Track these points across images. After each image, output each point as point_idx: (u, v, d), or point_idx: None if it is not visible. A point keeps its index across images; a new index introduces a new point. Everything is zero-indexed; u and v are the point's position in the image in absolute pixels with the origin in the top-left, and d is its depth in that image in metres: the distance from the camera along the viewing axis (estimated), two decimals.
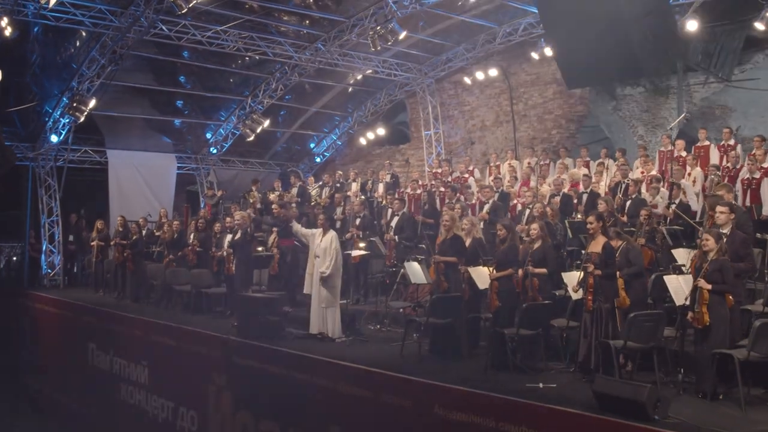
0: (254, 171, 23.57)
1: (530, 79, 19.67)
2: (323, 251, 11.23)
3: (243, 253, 12.92)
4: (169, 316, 14.25)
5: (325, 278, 11.08)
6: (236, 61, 20.33)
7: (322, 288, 11.17)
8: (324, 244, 11.26)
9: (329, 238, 11.26)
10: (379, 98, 22.51)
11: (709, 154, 15.47)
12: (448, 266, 10.22)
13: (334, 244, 11.23)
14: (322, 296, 11.18)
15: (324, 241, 11.27)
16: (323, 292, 11.18)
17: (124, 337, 14.12)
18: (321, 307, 11.21)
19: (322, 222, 11.40)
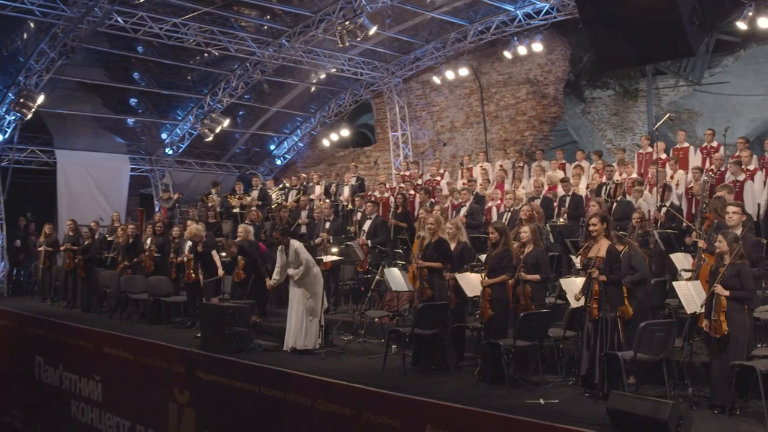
0: (212, 173, 22.65)
1: (502, 79, 19.16)
2: (291, 263, 10.54)
3: (208, 259, 12.06)
4: (125, 326, 13.32)
5: (305, 287, 10.34)
6: (194, 57, 19.38)
7: (303, 297, 10.43)
8: (291, 258, 10.55)
9: (293, 250, 10.54)
10: (344, 98, 21.80)
11: (688, 156, 15.06)
12: (433, 272, 9.54)
13: (301, 253, 10.50)
14: (304, 306, 10.43)
15: (290, 255, 10.56)
16: (306, 302, 10.44)
17: (74, 349, 13.10)
18: (300, 317, 10.43)
19: (278, 238, 10.67)
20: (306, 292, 10.50)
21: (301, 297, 10.46)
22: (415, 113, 20.87)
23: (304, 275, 10.41)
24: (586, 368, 7.89)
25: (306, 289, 10.51)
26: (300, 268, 10.37)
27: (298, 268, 10.40)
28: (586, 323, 7.91)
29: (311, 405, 8.88)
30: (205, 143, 21.65)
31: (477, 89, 19.52)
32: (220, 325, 10.49)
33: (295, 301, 10.49)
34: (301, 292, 10.48)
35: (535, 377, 8.61)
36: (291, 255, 10.50)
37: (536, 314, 8.46)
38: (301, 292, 10.48)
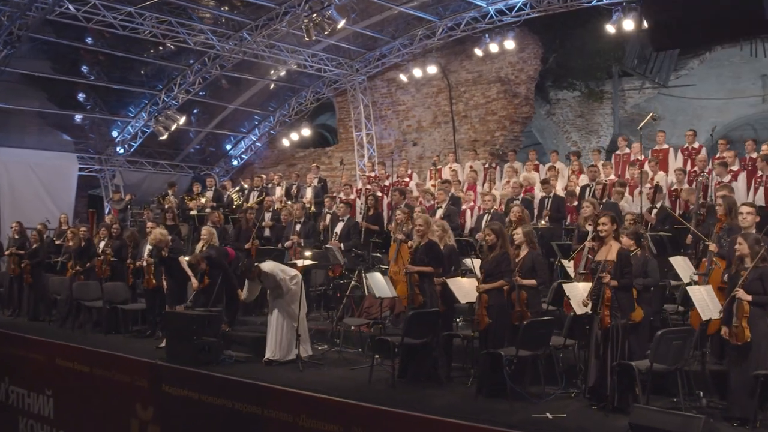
0: (165, 174, 21.78)
1: (471, 77, 18.76)
2: (272, 289, 9.99)
3: (173, 265, 11.31)
4: (78, 336, 12.48)
5: (285, 297, 9.77)
6: (148, 50, 18.53)
7: (282, 308, 9.82)
8: (269, 285, 10.05)
9: (267, 277, 9.99)
10: (305, 96, 21.15)
11: (668, 157, 14.84)
12: (424, 277, 9.01)
13: (277, 275, 9.93)
14: (285, 315, 9.81)
15: (267, 283, 10.04)
16: (286, 311, 9.83)
17: (22, 361, 12.20)
18: (279, 328, 9.81)
19: (246, 275, 10.16)
20: (287, 299, 9.87)
21: (282, 305, 9.84)
22: (380, 112, 20.33)
23: (286, 292, 9.80)
24: (595, 379, 7.45)
25: (286, 297, 9.89)
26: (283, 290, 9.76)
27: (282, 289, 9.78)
28: (594, 331, 7.46)
29: (293, 421, 8.26)
30: (158, 142, 20.76)
31: (445, 88, 19.08)
32: (187, 335, 9.79)
33: (275, 310, 9.86)
34: (281, 300, 9.86)
35: (533, 388, 8.13)
36: (267, 282, 9.88)
37: (541, 322, 8.00)
38: (282, 301, 9.86)
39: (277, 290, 9.79)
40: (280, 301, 9.92)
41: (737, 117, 24.39)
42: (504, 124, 18.24)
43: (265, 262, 10.08)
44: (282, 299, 9.90)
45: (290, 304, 9.94)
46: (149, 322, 12.40)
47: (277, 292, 9.87)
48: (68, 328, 13.26)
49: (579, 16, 18.02)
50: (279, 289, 9.78)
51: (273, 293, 9.98)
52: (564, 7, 16.24)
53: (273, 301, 10.02)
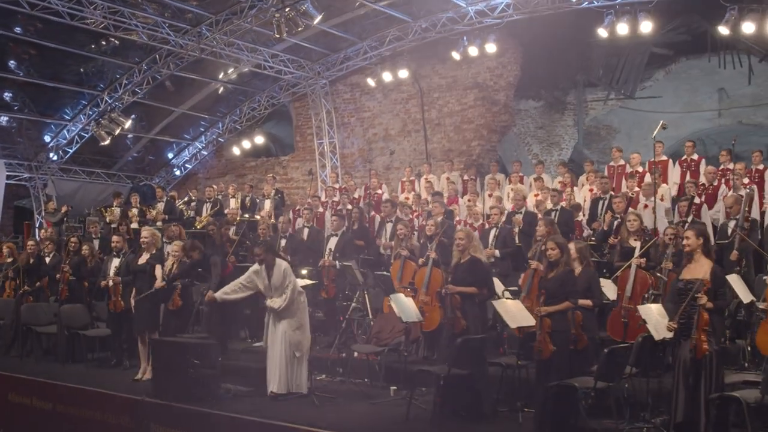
0: (101, 184, 20.29)
1: (445, 83, 18.07)
2: (278, 290, 8.90)
3: (148, 283, 10.13)
4: (28, 366, 11.18)
5: (290, 317, 8.75)
6: (88, 45, 17.08)
7: (289, 329, 8.80)
8: (276, 282, 8.92)
9: (279, 271, 8.92)
10: (259, 101, 20.05)
11: (667, 169, 14.49)
12: (466, 299, 8.20)
13: (288, 277, 8.90)
14: (289, 341, 8.79)
15: (275, 279, 8.93)
16: (292, 336, 8.81)
17: None
18: (285, 355, 8.79)
19: (261, 255, 9.01)
20: (291, 323, 8.92)
21: (286, 329, 8.86)
22: (342, 119, 19.43)
23: (289, 304, 8.81)
24: (684, 413, 6.75)
25: (291, 320, 8.93)
26: (284, 297, 8.76)
27: (281, 296, 8.77)
28: (682, 359, 6.79)
29: None
30: (93, 149, 19.35)
31: (416, 94, 18.33)
32: (180, 367, 8.66)
33: (278, 334, 8.88)
34: (285, 323, 8.89)
35: (592, 422, 7.38)
36: (276, 277, 8.86)
37: (621, 350, 7.27)
38: (286, 324, 8.89)
39: (284, 305, 8.76)
40: (284, 323, 8.92)
41: (692, 131, 24.49)
42: (481, 133, 17.61)
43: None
44: (285, 320, 8.91)
45: (296, 326, 8.97)
46: (114, 349, 11.14)
47: (281, 311, 8.84)
48: (14, 356, 11.87)
49: (546, 20, 17.37)
50: (286, 303, 8.75)
51: (275, 313, 8.94)
52: (551, 9, 15.75)
53: (275, 322, 9.01)
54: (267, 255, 8.94)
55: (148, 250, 10.19)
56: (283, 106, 20.74)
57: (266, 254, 8.94)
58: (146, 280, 10.02)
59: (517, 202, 12.88)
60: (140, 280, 10.05)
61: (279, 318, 8.92)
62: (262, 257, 8.94)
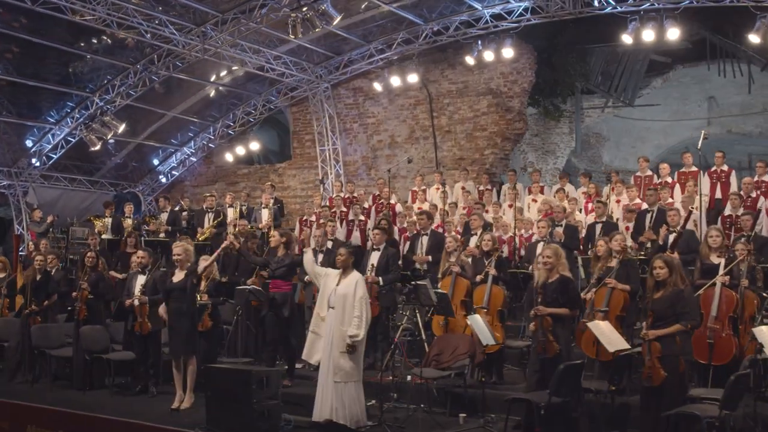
0: (83, 191, 19.35)
1: (456, 88, 17.61)
2: (341, 301, 8.19)
3: (185, 303, 9.40)
4: (40, 394, 10.32)
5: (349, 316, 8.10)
6: (77, 42, 16.12)
7: (340, 354, 8.11)
8: (343, 290, 8.23)
9: (352, 281, 8.26)
10: (255, 105, 19.33)
11: (698, 180, 14.20)
12: (557, 321, 7.71)
13: (360, 291, 8.21)
14: (337, 366, 8.10)
15: (343, 286, 8.25)
16: (341, 360, 8.11)
17: None
18: (334, 382, 8.09)
19: (344, 257, 8.35)
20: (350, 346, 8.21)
21: (340, 348, 8.14)
22: (344, 125, 18.84)
23: (363, 325, 8.15)
24: None
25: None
26: (358, 320, 8.06)
27: (354, 318, 8.07)
28: None
29: None
30: (71, 155, 18.39)
31: (424, 99, 17.83)
32: (241, 397, 7.98)
33: (326, 355, 8.17)
34: (344, 338, 8.13)
35: None
36: (345, 286, 8.15)
37: (745, 375, 6.85)
38: (342, 343, 8.13)
39: (356, 332, 8.07)
40: (340, 342, 8.17)
41: (681, 140, 24.51)
42: (495, 141, 17.20)
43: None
44: (342, 339, 8.19)
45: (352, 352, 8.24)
46: (138, 374, 10.38)
47: (340, 327, 8.14)
48: (23, 382, 11.01)
49: (547, 25, 17.03)
50: (356, 327, 8.06)
51: (335, 329, 8.20)
52: (572, 13, 15.42)
53: (328, 338, 8.25)
54: (349, 259, 8.30)
55: (182, 267, 9.46)
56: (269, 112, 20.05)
57: (348, 258, 8.30)
58: (184, 300, 9.29)
59: (558, 215, 12.46)
60: (176, 299, 9.30)
61: (336, 333, 8.20)
62: (345, 260, 8.29)
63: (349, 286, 8.17)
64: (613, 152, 24.97)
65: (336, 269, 8.42)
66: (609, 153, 24.98)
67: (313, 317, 8.44)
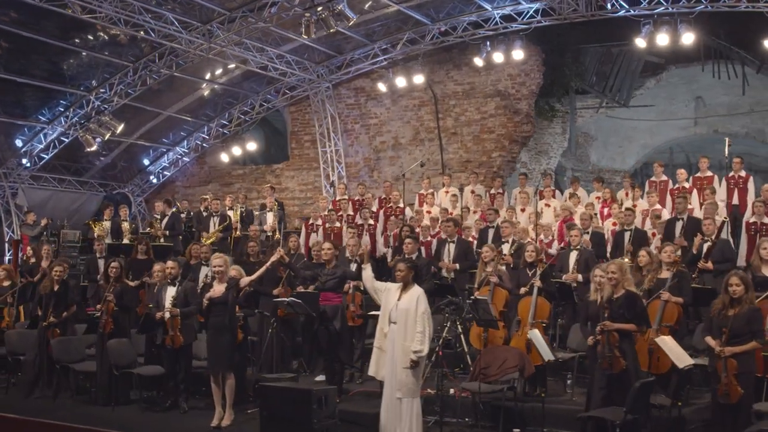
0: (72, 192, 18.89)
1: (462, 89, 17.54)
2: (403, 316, 8.05)
3: (227, 317, 9.18)
4: (64, 410, 10.04)
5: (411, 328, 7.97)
6: (71, 38, 15.65)
7: (402, 370, 7.98)
8: (405, 305, 8.09)
9: (414, 296, 8.12)
10: (252, 104, 19.03)
11: (713, 185, 14.29)
12: (624, 337, 7.66)
13: (422, 306, 8.08)
14: (400, 382, 7.97)
15: (404, 301, 8.12)
16: (403, 376, 7.98)
17: None
18: (397, 398, 7.98)
19: (404, 273, 8.20)
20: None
21: (403, 364, 8.01)
22: (345, 126, 18.64)
23: (426, 340, 8.02)
24: None
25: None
26: (421, 335, 7.93)
27: (417, 334, 7.94)
28: None
29: None
30: (60, 155, 17.92)
31: (429, 100, 17.72)
32: (300, 417, 7.81)
33: (390, 371, 8.04)
34: (407, 353, 8.00)
35: None
36: (407, 301, 8.02)
37: None
38: (407, 353, 8.01)
39: (420, 348, 7.94)
40: (402, 357, 8.04)
41: (668, 139, 24.80)
42: (503, 144, 17.17)
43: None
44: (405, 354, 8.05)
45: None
46: (169, 390, 10.11)
47: (403, 342, 8.01)
48: (39, 398, 10.65)
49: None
50: (420, 342, 7.94)
51: (400, 344, 8.07)
52: (584, 16, 15.43)
53: (392, 352, 8.11)
54: (409, 274, 8.16)
55: (221, 280, 9.23)
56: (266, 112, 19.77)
57: (408, 273, 8.16)
58: (225, 314, 9.08)
59: (584, 222, 12.41)
60: (217, 314, 9.07)
61: (399, 347, 8.07)
62: (405, 275, 8.15)
63: (410, 301, 8.04)
64: (601, 152, 25.12)
65: (397, 282, 8.28)
66: (596, 152, 25.12)
67: (377, 332, 8.28)
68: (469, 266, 12.06)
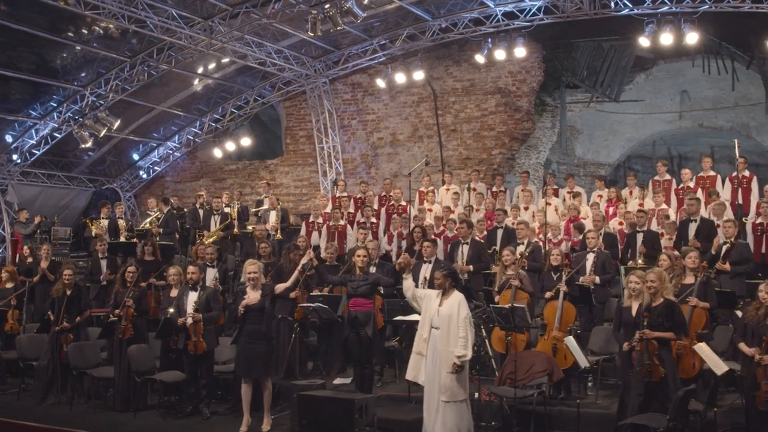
0: (62, 188, 18.68)
1: (461, 86, 17.62)
2: (446, 322, 8.15)
3: (264, 324, 9.20)
4: (86, 417, 9.97)
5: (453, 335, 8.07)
6: (65, 32, 15.41)
7: (446, 374, 8.09)
8: (446, 311, 8.19)
9: (455, 302, 8.22)
10: (246, 99, 18.95)
11: (716, 186, 14.51)
12: (663, 345, 7.83)
13: (464, 311, 8.19)
14: (444, 386, 8.07)
15: (446, 307, 8.22)
16: (447, 380, 8.09)
17: None
18: (443, 402, 8.08)
19: (441, 281, 8.30)
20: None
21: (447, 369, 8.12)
22: (342, 121, 18.64)
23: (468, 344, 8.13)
24: None
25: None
26: (464, 340, 8.03)
27: (459, 338, 8.03)
28: None
29: None
30: (48, 150, 17.70)
31: (428, 97, 17.78)
32: (342, 426, 7.89)
33: (432, 376, 8.14)
34: (450, 358, 8.11)
35: None
36: (448, 308, 8.11)
37: None
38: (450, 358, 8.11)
39: (464, 353, 8.04)
40: (450, 358, 8.17)
41: (652, 133, 25.09)
42: (503, 141, 17.30)
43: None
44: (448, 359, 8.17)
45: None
46: (190, 395, 10.10)
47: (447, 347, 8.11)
48: (54, 403, 10.58)
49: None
50: (463, 347, 8.04)
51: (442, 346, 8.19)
52: (588, 14, 15.58)
53: (435, 354, 8.19)
54: (445, 282, 8.25)
55: (255, 287, 9.23)
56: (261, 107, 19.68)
57: (445, 280, 8.25)
58: (262, 321, 9.09)
59: (597, 223, 12.57)
60: (253, 321, 9.06)
61: (442, 349, 8.17)
62: (441, 283, 8.24)
63: (452, 306, 8.15)
64: (586, 145, 25.33)
65: (435, 289, 8.37)
66: (582, 146, 25.34)
67: (417, 338, 8.36)
68: (483, 267, 12.19)
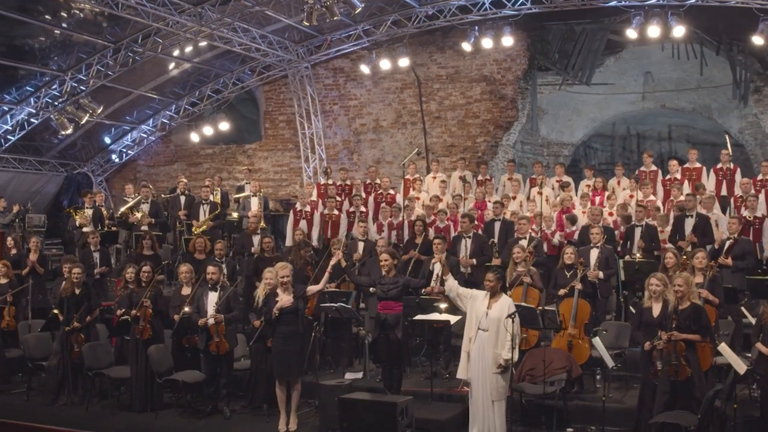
0: (34, 174, 18.50)
1: (446, 73, 17.91)
2: (495, 325, 8.53)
3: (299, 325, 9.48)
4: (104, 419, 10.16)
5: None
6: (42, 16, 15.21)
7: (492, 375, 8.50)
8: (496, 314, 8.56)
9: (504, 305, 8.60)
10: (225, 83, 18.95)
11: (701, 177, 15.09)
12: (690, 347, 8.37)
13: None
14: (493, 386, 8.48)
15: (495, 310, 8.59)
16: (495, 380, 8.50)
17: None
18: (492, 401, 8.50)
19: (493, 283, 8.65)
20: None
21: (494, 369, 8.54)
22: (323, 107, 18.80)
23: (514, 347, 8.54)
24: None
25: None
26: (510, 343, 8.43)
27: (506, 342, 8.43)
28: None
29: None
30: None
31: (412, 83, 18.05)
32: (384, 428, 8.26)
33: (480, 376, 8.55)
34: (497, 359, 8.52)
35: None
36: (497, 311, 8.46)
37: None
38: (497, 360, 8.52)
39: (509, 356, 8.46)
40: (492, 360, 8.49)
41: (615, 113, 25.72)
42: (488, 129, 17.71)
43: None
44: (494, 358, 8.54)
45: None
46: (210, 396, 10.35)
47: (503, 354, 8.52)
48: (66, 404, 10.72)
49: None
50: (508, 350, 8.43)
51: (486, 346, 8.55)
52: (575, 5, 16.03)
53: (481, 358, 8.55)
54: (498, 284, 8.62)
55: (286, 289, 9.48)
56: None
57: (497, 283, 8.62)
58: (296, 323, 9.37)
59: (595, 217, 12.98)
60: (287, 323, 9.31)
61: (488, 358, 8.59)
62: (494, 285, 8.60)
63: (501, 309, 8.49)
64: (551, 125, 25.81)
65: (485, 291, 8.70)
66: (546, 126, 25.85)
67: (464, 339, 8.71)
68: (486, 261, 12.57)
